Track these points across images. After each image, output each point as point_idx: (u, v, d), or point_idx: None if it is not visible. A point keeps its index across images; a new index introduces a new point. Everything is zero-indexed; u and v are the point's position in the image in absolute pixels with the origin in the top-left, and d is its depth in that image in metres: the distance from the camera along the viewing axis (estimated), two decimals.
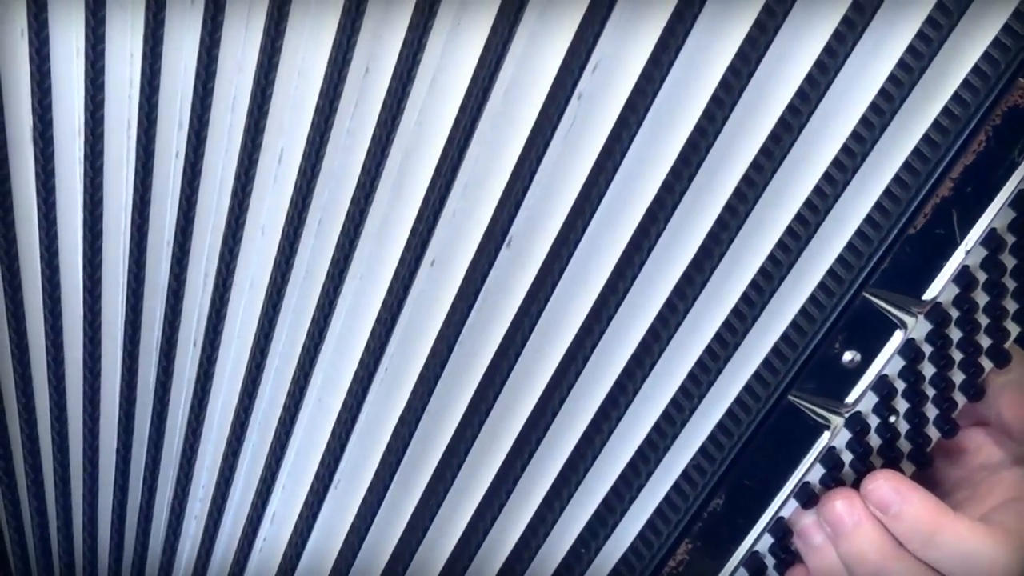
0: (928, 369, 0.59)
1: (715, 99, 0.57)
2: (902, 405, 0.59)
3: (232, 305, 0.72)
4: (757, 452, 0.58)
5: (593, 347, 0.60)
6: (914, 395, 0.59)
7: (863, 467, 0.60)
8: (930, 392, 0.60)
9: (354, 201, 0.66)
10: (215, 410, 0.73)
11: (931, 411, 0.60)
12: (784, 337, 0.57)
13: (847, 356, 0.57)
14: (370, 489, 0.66)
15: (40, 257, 0.76)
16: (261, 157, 0.69)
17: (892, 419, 0.59)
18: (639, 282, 0.59)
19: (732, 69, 0.57)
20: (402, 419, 0.65)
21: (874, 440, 0.60)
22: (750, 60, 0.57)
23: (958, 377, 0.60)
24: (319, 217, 0.68)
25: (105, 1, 0.71)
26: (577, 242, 0.60)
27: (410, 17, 0.64)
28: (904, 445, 0.61)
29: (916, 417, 0.60)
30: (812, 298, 0.57)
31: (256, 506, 0.71)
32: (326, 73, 0.66)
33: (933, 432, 0.61)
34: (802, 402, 0.58)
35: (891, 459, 0.60)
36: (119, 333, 0.76)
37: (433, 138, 0.64)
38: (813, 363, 0.57)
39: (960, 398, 0.60)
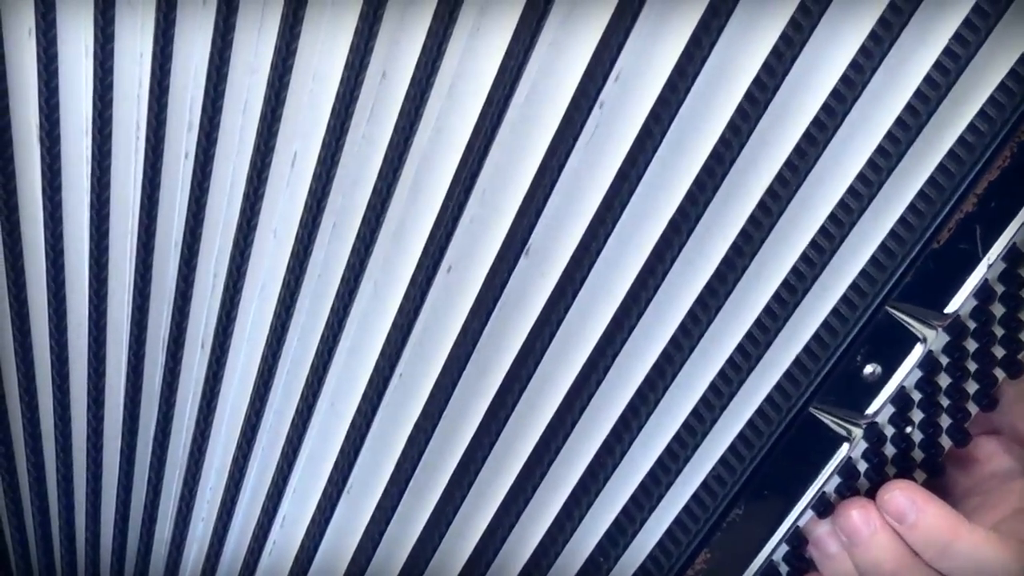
0: (944, 380, 0.59)
1: (740, 111, 0.57)
2: (917, 415, 0.60)
3: (242, 307, 0.71)
4: (777, 463, 0.58)
5: (614, 357, 0.60)
6: (929, 406, 0.59)
7: (877, 477, 0.60)
8: (945, 402, 0.60)
9: (370, 206, 0.65)
10: (224, 412, 0.73)
11: (944, 421, 0.61)
12: (806, 349, 0.57)
13: (868, 369, 0.57)
14: (384, 494, 0.66)
15: (45, 256, 0.76)
16: (274, 160, 0.69)
17: (908, 430, 0.59)
18: (661, 293, 0.59)
19: (757, 81, 0.57)
20: (418, 426, 0.65)
21: (889, 450, 0.60)
22: (776, 73, 0.56)
23: (972, 387, 0.60)
24: (333, 221, 0.67)
25: (114, 1, 0.70)
26: (599, 252, 0.60)
27: (429, 23, 0.64)
28: (917, 454, 0.61)
29: (930, 427, 0.60)
30: (835, 311, 0.57)
31: (267, 510, 0.71)
32: (342, 77, 0.66)
33: (946, 441, 0.61)
34: (822, 414, 0.58)
35: (905, 468, 0.60)
36: (124, 333, 0.76)
37: (451, 144, 0.64)
38: (835, 375, 0.57)
39: (973, 408, 0.61)
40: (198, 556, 0.75)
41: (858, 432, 0.58)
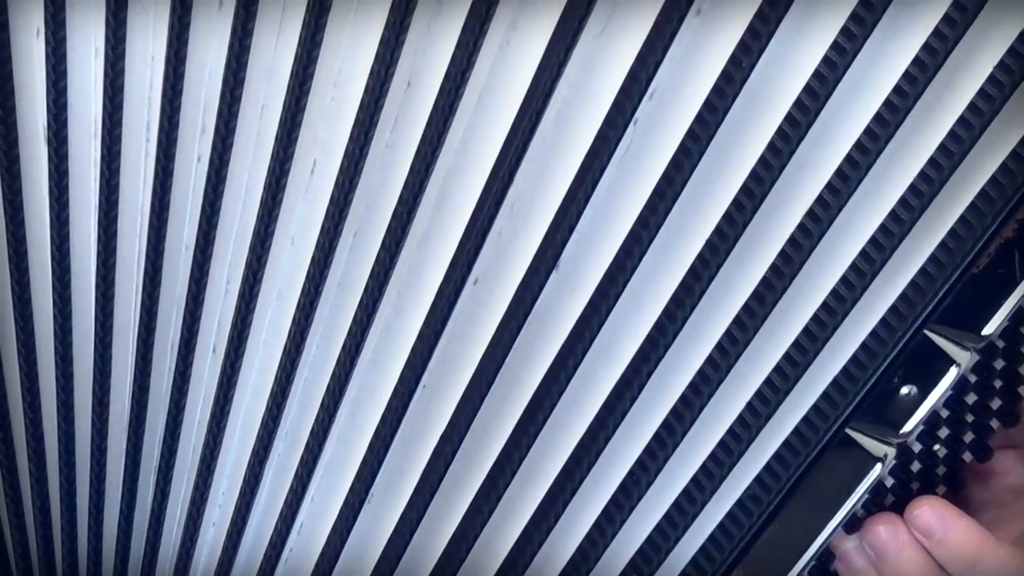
0: (971, 397, 0.59)
1: (780, 133, 0.57)
2: (943, 432, 0.60)
3: (258, 313, 0.70)
4: (811, 482, 0.58)
5: (649, 375, 0.60)
6: (956, 423, 0.60)
7: (903, 492, 0.60)
8: (970, 418, 0.60)
9: (395, 216, 0.64)
10: (237, 417, 0.72)
11: (968, 436, 0.61)
12: (844, 371, 0.58)
13: (904, 390, 0.58)
14: (408, 506, 0.66)
15: (51, 256, 0.75)
16: (293, 167, 0.67)
17: (935, 447, 0.59)
18: (698, 312, 0.59)
19: (799, 103, 0.57)
20: (444, 437, 0.64)
21: (915, 466, 0.60)
22: (818, 96, 0.56)
23: (996, 404, 0.60)
24: (355, 230, 0.67)
25: (127, 3, 0.69)
26: (634, 269, 0.60)
27: (459, 35, 0.63)
28: (941, 469, 0.61)
29: (955, 443, 0.61)
30: (874, 334, 0.57)
31: (284, 517, 0.70)
32: (367, 86, 0.65)
33: (968, 456, 0.61)
34: (857, 433, 0.58)
35: (928, 483, 0.61)
36: (131, 335, 0.75)
37: (479, 157, 0.63)
38: (871, 396, 0.57)
39: (996, 424, 0.61)
40: (209, 559, 0.75)
41: (891, 452, 0.58)
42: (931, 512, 0.60)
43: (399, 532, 0.67)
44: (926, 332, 0.57)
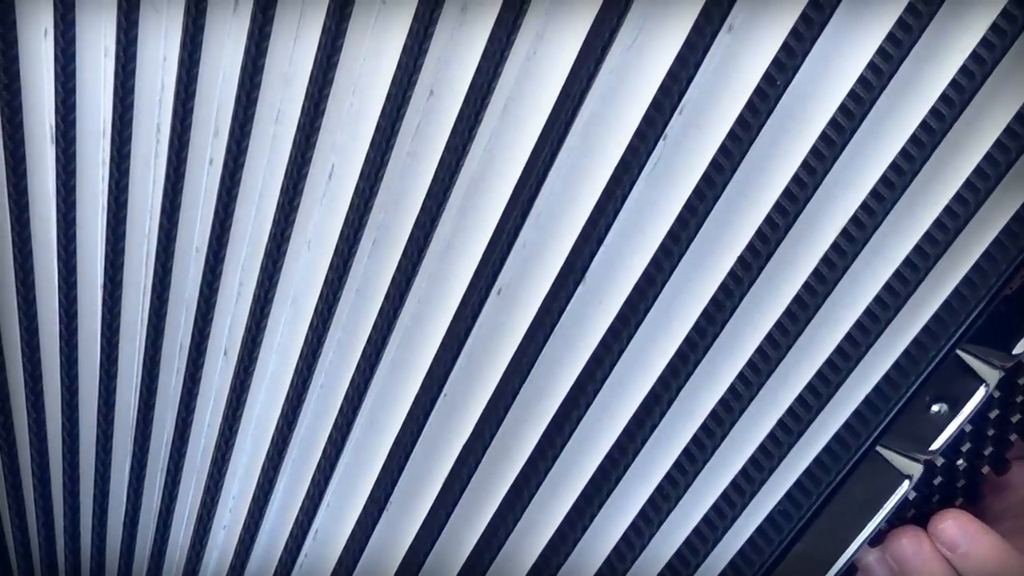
0: (994, 412, 0.60)
1: (814, 151, 0.57)
2: (966, 446, 0.60)
3: (272, 317, 0.69)
4: (839, 499, 0.59)
5: (679, 390, 0.60)
6: (978, 437, 0.60)
7: (924, 505, 0.61)
8: (991, 432, 0.61)
9: (418, 224, 0.64)
10: (250, 420, 0.72)
11: (988, 449, 0.61)
12: (876, 389, 0.58)
13: (935, 408, 0.58)
14: (431, 513, 0.66)
15: (57, 256, 0.74)
16: (310, 172, 0.67)
17: (959, 461, 0.60)
18: (728, 328, 0.59)
19: (833, 123, 0.57)
20: (467, 447, 0.65)
21: (937, 479, 0.60)
22: (854, 116, 0.56)
23: (1016, 418, 0.61)
24: (374, 237, 0.66)
25: (139, 4, 0.68)
26: (664, 283, 0.60)
27: (484, 45, 0.62)
28: (960, 482, 0.62)
29: (976, 457, 0.61)
30: (906, 353, 0.57)
31: (300, 522, 0.70)
32: (388, 94, 0.64)
33: (987, 469, 0.62)
34: (886, 450, 0.58)
35: (948, 496, 0.62)
36: (139, 336, 0.74)
37: (504, 167, 0.63)
38: (902, 414, 0.57)
39: (1014, 437, 0.61)
40: (220, 561, 0.74)
41: (919, 468, 0.59)
42: (955, 526, 0.61)
43: (419, 540, 0.67)
44: (958, 353, 0.57)
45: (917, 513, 0.63)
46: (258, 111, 0.69)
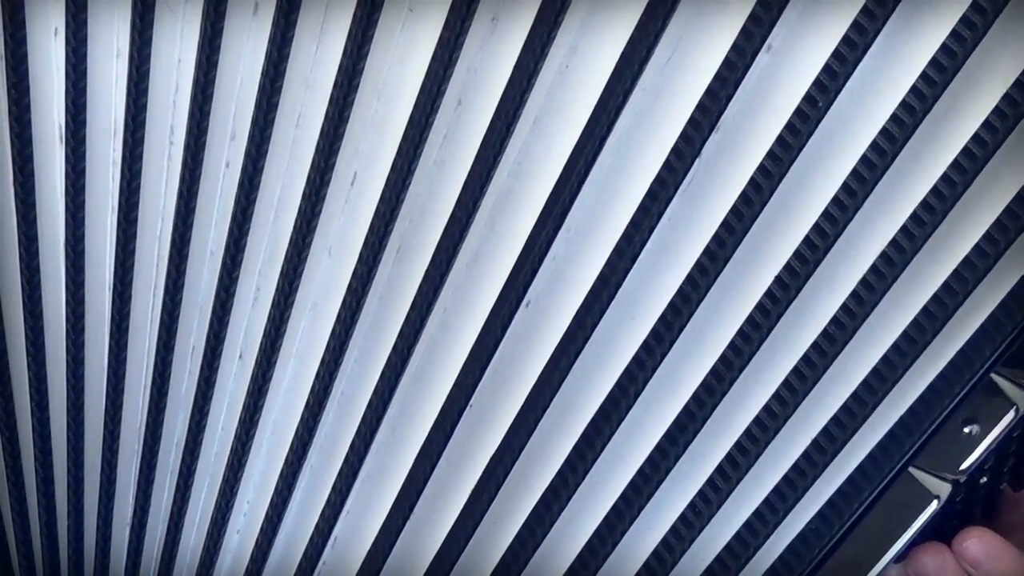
0: (1016, 431, 0.61)
1: (854, 173, 0.58)
2: (989, 463, 0.62)
3: (292, 323, 0.70)
4: (869, 518, 0.60)
5: (713, 408, 0.61)
6: (1001, 455, 0.62)
7: (945, 522, 0.62)
8: (1013, 449, 0.62)
9: (446, 234, 0.65)
10: (266, 425, 0.73)
11: (1008, 466, 0.63)
12: (911, 411, 0.59)
13: (967, 429, 0.59)
14: (457, 523, 0.67)
15: (65, 256, 0.75)
16: (333, 178, 0.67)
17: (982, 479, 0.61)
18: (764, 349, 0.60)
19: (874, 146, 0.58)
20: (496, 457, 0.66)
21: (959, 496, 0.62)
22: (896, 139, 0.58)
23: None
24: (398, 245, 0.67)
25: (154, 5, 0.68)
26: (699, 302, 0.61)
27: (516, 57, 0.62)
28: (979, 498, 0.63)
29: (998, 474, 0.63)
30: (942, 375, 0.59)
31: (320, 529, 0.72)
32: (416, 103, 0.65)
33: (1004, 485, 0.64)
34: (916, 470, 0.59)
35: (969, 513, 0.63)
36: (149, 338, 0.75)
37: (535, 179, 0.65)
38: (935, 435, 0.59)
39: None
40: (234, 566, 0.75)
41: (947, 488, 0.60)
42: (979, 544, 0.62)
43: (443, 552, 0.69)
44: (992, 376, 0.59)
45: (937, 529, 0.64)
46: (278, 115, 0.69)
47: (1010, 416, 0.60)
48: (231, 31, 0.69)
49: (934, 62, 0.58)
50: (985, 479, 0.63)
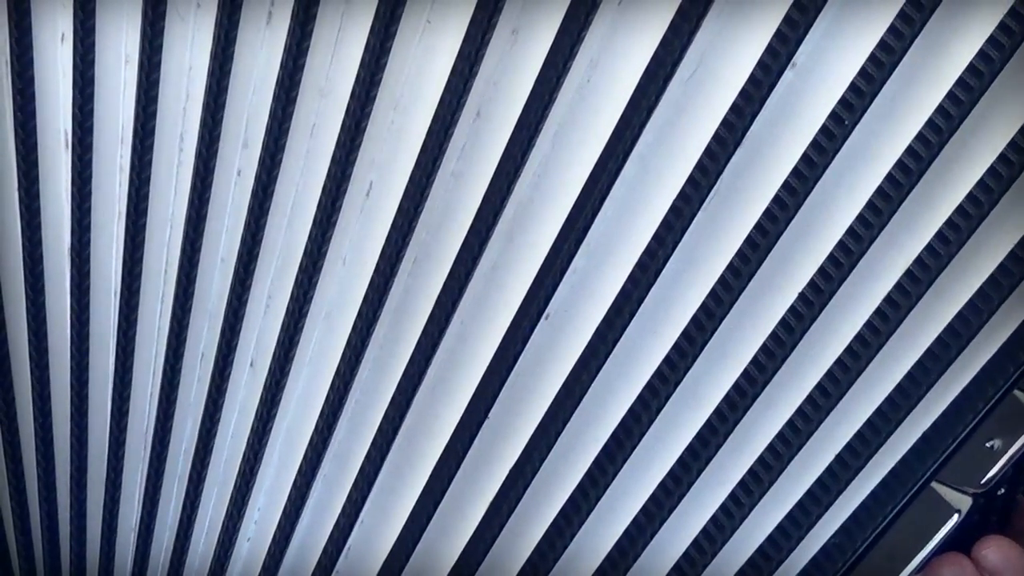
0: None
1: (879, 191, 0.59)
2: (1007, 474, 0.63)
3: (305, 332, 0.70)
4: (890, 532, 0.61)
5: (736, 423, 0.62)
6: (1018, 468, 0.63)
7: (961, 533, 0.63)
8: None
9: (465, 246, 0.66)
10: (279, 432, 0.74)
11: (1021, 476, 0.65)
12: (934, 426, 0.60)
13: (988, 443, 0.60)
14: (475, 535, 0.68)
15: (71, 263, 0.76)
16: (348, 188, 0.67)
17: (1001, 491, 0.63)
18: (787, 365, 0.61)
19: (899, 164, 0.59)
20: (516, 468, 0.67)
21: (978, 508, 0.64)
22: (922, 158, 0.59)
23: None
24: (415, 256, 0.67)
25: (164, 12, 0.67)
26: (723, 318, 0.62)
27: (538, 71, 0.63)
28: (995, 509, 0.65)
29: (1012, 485, 0.64)
30: (965, 392, 0.60)
31: (334, 538, 0.73)
32: (435, 114, 0.66)
33: (1020, 496, 0.65)
34: (939, 485, 0.61)
35: (985, 523, 0.65)
36: (156, 345, 0.75)
37: (556, 193, 0.66)
38: (959, 449, 0.60)
39: None
40: (244, 574, 0.75)
41: (968, 501, 0.61)
42: (998, 552, 0.64)
43: (461, 563, 0.69)
44: (1016, 392, 0.60)
45: (955, 540, 0.65)
46: (293, 125, 0.69)
47: None
48: (244, 39, 0.70)
49: (961, 81, 0.59)
50: (1003, 491, 0.65)
